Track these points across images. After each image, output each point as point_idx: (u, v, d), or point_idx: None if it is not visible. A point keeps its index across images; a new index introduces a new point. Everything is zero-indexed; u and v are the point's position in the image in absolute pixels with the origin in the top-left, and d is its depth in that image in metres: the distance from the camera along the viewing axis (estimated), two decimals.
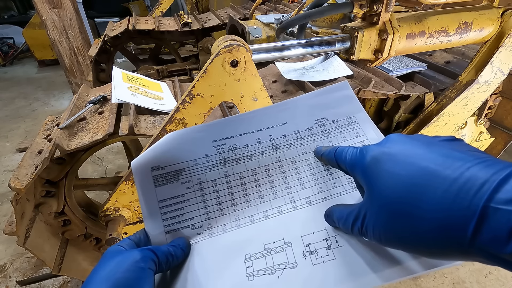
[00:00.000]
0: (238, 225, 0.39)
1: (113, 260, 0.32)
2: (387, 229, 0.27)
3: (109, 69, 1.86)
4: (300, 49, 0.70)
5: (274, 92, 0.93)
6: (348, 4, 0.73)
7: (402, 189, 0.26)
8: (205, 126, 0.43)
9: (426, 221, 0.24)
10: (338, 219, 0.35)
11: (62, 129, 0.71)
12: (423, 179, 0.25)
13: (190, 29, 1.86)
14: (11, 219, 0.68)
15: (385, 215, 0.27)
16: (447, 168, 0.24)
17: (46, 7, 2.13)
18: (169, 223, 0.39)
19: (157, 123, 0.77)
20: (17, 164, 0.75)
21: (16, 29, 4.12)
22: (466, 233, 0.22)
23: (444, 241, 0.23)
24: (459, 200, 0.22)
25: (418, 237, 0.25)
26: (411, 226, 0.25)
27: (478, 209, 0.21)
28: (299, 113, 0.46)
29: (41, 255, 0.75)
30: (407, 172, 0.27)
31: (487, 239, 0.21)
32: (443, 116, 0.95)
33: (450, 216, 0.23)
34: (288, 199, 0.41)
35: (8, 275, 1.29)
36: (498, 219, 0.20)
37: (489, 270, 1.30)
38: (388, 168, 0.28)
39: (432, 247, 0.25)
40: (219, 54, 0.54)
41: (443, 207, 0.23)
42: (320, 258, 0.35)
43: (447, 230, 0.23)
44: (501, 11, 0.79)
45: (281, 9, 1.84)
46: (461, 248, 0.22)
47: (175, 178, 0.41)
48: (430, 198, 0.24)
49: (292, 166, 0.43)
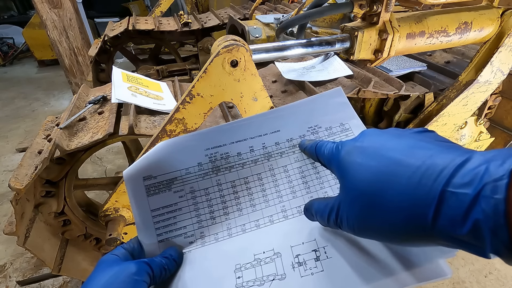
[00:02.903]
0: (230, 234, 0.39)
1: (109, 271, 0.32)
2: (360, 219, 0.28)
3: (109, 69, 1.86)
4: (300, 49, 0.70)
5: (274, 92, 0.93)
6: (348, 4, 0.73)
7: (371, 179, 0.27)
8: (197, 135, 0.43)
9: (394, 210, 0.25)
10: (316, 212, 0.35)
11: (62, 129, 0.71)
12: (390, 168, 0.26)
13: (190, 29, 1.86)
14: (11, 219, 0.68)
15: (357, 206, 0.28)
16: (411, 157, 0.25)
17: (46, 7, 2.13)
18: (162, 232, 0.39)
19: (157, 123, 0.77)
20: (17, 164, 0.75)
21: (16, 29, 4.11)
22: (427, 218, 0.23)
23: (410, 227, 0.24)
24: (421, 186, 0.23)
25: (387, 226, 0.26)
26: (380, 215, 0.26)
27: (437, 194, 0.22)
28: (292, 120, 0.45)
29: (41, 255, 0.75)
30: (376, 163, 0.28)
31: (445, 222, 0.22)
32: (443, 116, 0.95)
33: (414, 203, 0.24)
34: (280, 208, 0.41)
35: (8, 275, 1.29)
36: (454, 202, 0.21)
37: (489, 270, 1.30)
38: (359, 160, 0.29)
39: (400, 234, 0.26)
40: (219, 54, 0.54)
41: (407, 194, 0.24)
42: (309, 270, 0.35)
43: (412, 216, 0.24)
44: (501, 11, 0.79)
45: (281, 9, 1.84)
46: (425, 232, 0.23)
47: (168, 187, 0.41)
48: (396, 186, 0.25)
49: (284, 174, 0.43)
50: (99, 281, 0.31)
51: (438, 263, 0.32)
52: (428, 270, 0.32)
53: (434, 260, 0.32)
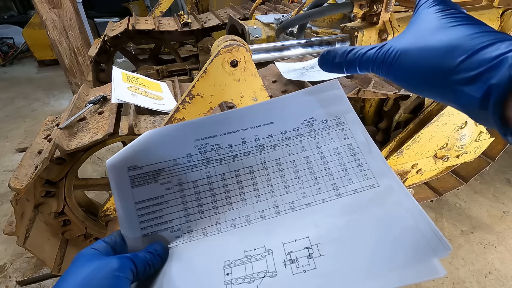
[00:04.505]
0: (219, 229, 0.38)
1: (89, 266, 0.30)
2: (407, 55, 0.29)
3: (109, 69, 1.87)
4: (300, 49, 0.70)
5: (274, 92, 0.93)
6: (348, 4, 0.73)
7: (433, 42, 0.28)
8: (187, 124, 0.41)
9: (434, 57, 0.27)
10: (345, 50, 0.35)
11: (62, 129, 0.71)
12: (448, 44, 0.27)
13: (190, 29, 1.86)
14: (11, 219, 0.68)
15: (416, 49, 0.29)
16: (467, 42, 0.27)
17: (46, 7, 2.13)
18: (147, 226, 0.37)
19: (157, 123, 0.77)
20: (17, 164, 0.75)
21: (16, 29, 4.12)
22: (454, 63, 0.25)
23: (439, 71, 0.27)
24: (458, 49, 0.26)
25: (425, 68, 0.28)
26: (424, 60, 0.28)
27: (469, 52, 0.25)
28: (287, 112, 0.44)
29: (41, 255, 0.75)
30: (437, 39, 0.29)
31: (465, 67, 0.25)
32: (443, 116, 0.95)
33: (449, 55, 0.26)
34: (272, 203, 0.39)
35: (8, 275, 1.29)
36: (476, 59, 0.24)
37: (489, 270, 1.30)
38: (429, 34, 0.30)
39: (430, 75, 0.28)
40: (219, 54, 0.54)
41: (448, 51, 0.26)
42: (301, 267, 0.34)
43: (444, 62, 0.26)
44: (501, 11, 0.79)
45: (281, 9, 1.84)
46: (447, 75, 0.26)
47: (154, 179, 0.39)
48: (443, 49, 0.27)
49: (277, 168, 0.41)
50: (76, 278, 0.29)
51: (432, 262, 0.32)
52: (422, 269, 0.32)
53: (428, 259, 0.32)
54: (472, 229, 1.48)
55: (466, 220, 1.54)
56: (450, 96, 0.26)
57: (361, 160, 0.41)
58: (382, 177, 0.40)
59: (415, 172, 1.16)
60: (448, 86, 0.26)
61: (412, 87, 0.30)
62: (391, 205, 0.37)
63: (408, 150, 1.01)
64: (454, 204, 1.64)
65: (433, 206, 1.62)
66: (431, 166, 1.16)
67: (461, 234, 1.46)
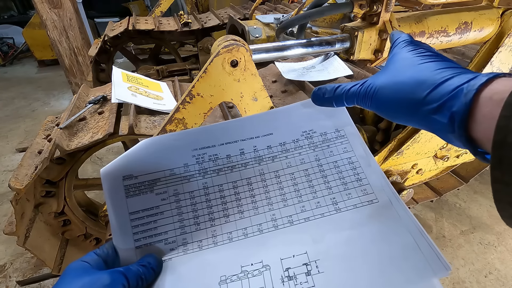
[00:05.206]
0: (215, 243, 0.37)
1: (78, 282, 0.29)
2: (384, 91, 0.33)
3: (109, 69, 1.87)
4: (300, 49, 0.69)
5: (274, 92, 0.93)
6: (348, 4, 0.73)
7: (403, 77, 0.32)
8: (184, 134, 0.41)
9: (407, 91, 0.31)
10: (333, 87, 0.39)
11: (62, 129, 0.71)
12: (416, 78, 0.31)
13: (190, 29, 1.86)
14: (11, 219, 0.68)
15: (389, 82, 0.33)
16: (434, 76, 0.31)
17: (46, 7, 2.13)
18: (140, 237, 0.36)
19: (157, 123, 0.77)
20: (17, 164, 0.75)
21: (16, 29, 4.11)
22: (422, 95, 0.29)
23: (411, 102, 0.30)
24: (424, 85, 0.29)
25: (400, 100, 0.31)
26: (398, 94, 0.32)
27: (434, 85, 0.28)
28: (286, 123, 0.43)
29: (41, 255, 0.75)
30: (408, 75, 0.33)
31: (433, 97, 0.28)
32: None
33: (417, 88, 0.30)
34: (269, 216, 0.38)
35: (8, 275, 1.29)
36: (441, 89, 0.28)
37: (489, 270, 1.30)
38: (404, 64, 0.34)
39: (404, 105, 0.31)
40: (219, 54, 0.54)
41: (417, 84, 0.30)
42: (299, 285, 0.33)
43: (414, 95, 0.30)
44: (501, 11, 0.79)
45: (281, 9, 1.84)
46: (418, 104, 0.29)
47: (149, 189, 0.38)
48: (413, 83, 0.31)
49: (275, 180, 0.41)
50: None
51: (431, 282, 0.31)
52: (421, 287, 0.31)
53: (428, 279, 0.31)
54: (472, 229, 1.48)
55: (466, 220, 1.54)
56: (424, 123, 0.30)
57: (361, 174, 0.41)
58: (381, 192, 0.39)
59: (415, 172, 1.16)
60: (420, 115, 0.29)
61: (391, 116, 0.34)
62: (390, 222, 0.36)
63: (408, 150, 1.01)
64: (454, 204, 1.64)
65: (433, 206, 1.62)
66: (431, 166, 1.16)
67: (461, 234, 1.46)
